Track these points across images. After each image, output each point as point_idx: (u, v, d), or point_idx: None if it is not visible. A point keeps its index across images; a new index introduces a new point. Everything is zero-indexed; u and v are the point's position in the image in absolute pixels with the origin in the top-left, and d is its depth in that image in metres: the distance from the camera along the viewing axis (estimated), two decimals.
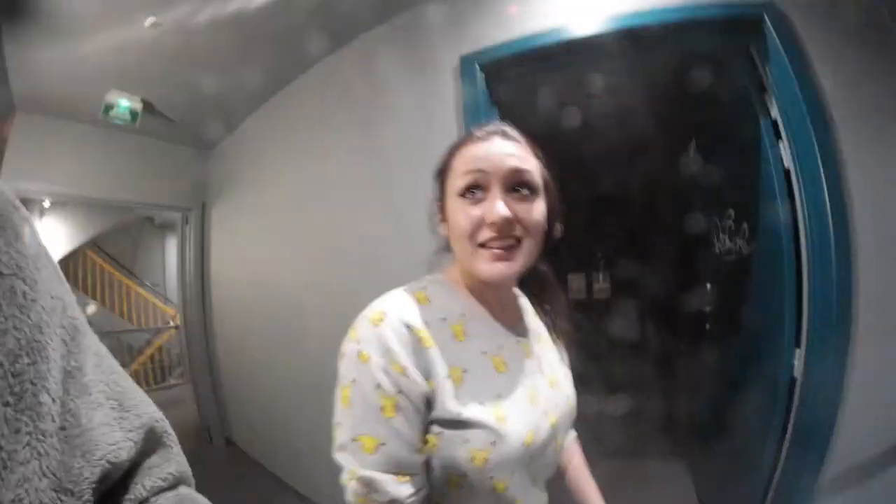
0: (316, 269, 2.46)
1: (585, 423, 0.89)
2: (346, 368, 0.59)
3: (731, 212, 1.91)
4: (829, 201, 1.40)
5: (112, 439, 0.32)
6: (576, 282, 4.86)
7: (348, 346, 0.60)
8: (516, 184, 0.65)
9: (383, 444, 0.56)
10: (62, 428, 0.28)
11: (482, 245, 0.64)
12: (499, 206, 0.62)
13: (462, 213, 0.65)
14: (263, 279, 2.87)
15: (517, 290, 0.81)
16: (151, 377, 5.20)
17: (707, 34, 1.61)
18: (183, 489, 0.39)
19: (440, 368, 0.59)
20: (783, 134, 1.51)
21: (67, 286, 0.34)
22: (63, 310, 0.31)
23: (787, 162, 1.50)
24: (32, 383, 0.26)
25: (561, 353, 0.82)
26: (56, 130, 2.82)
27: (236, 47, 2.33)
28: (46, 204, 3.73)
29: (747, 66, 1.60)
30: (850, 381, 1.36)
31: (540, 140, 0.72)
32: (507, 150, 0.67)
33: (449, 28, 1.92)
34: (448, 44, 1.90)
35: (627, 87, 1.90)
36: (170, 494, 0.37)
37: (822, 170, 1.41)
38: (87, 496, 0.29)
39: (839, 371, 1.37)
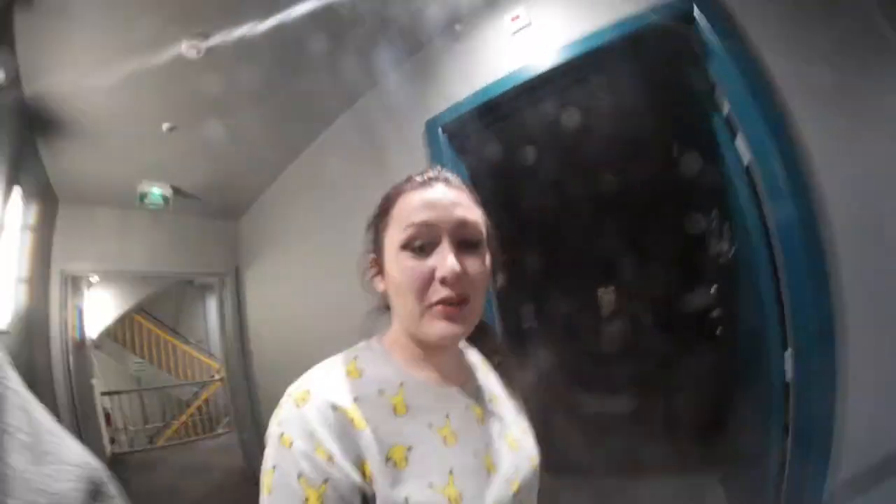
0: (344, 313, 2.59)
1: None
2: (268, 452, 0.53)
3: (715, 213, 1.88)
4: (793, 194, 1.34)
5: (54, 489, 0.34)
6: (606, 296, 4.79)
7: (271, 428, 0.54)
8: (465, 236, 0.60)
9: None
10: (1, 481, 0.30)
11: (430, 304, 0.58)
12: (452, 261, 0.57)
13: (408, 269, 0.59)
14: (297, 329, 3.04)
15: (463, 345, 0.73)
16: (201, 427, 5.55)
17: (650, 43, 1.60)
18: None
19: (376, 452, 0.53)
20: (738, 129, 1.47)
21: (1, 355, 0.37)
22: None
23: (746, 158, 1.46)
24: None
25: (519, 407, 0.75)
26: (97, 217, 3.24)
27: (249, 126, 2.62)
28: (94, 279, 4.16)
29: (694, 63, 1.57)
30: (845, 379, 1.31)
31: (517, 175, 0.70)
32: (453, 198, 0.62)
33: (415, 96, 2.10)
34: (415, 111, 2.08)
35: (588, 112, 1.95)
36: None
37: (779, 162, 1.36)
38: None
39: (830, 371, 1.31)
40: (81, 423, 3.09)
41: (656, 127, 2.09)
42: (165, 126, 2.48)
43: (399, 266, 0.59)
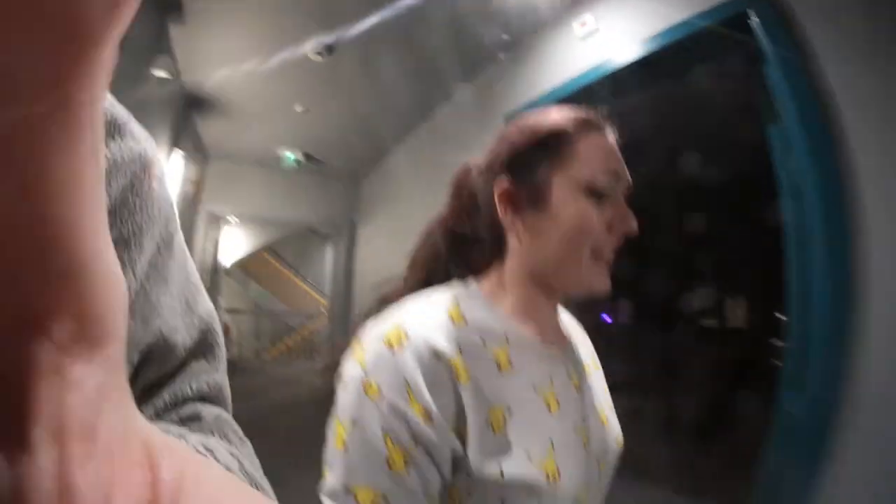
0: None
1: None
2: (346, 401, 0.46)
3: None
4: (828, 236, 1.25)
5: (173, 322, 0.34)
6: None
7: (351, 371, 0.47)
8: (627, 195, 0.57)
9: (385, 499, 0.43)
10: (134, 301, 0.31)
11: (600, 256, 0.54)
12: (633, 217, 0.54)
13: (591, 216, 0.53)
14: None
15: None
16: (302, 353, 6.56)
17: (709, 46, 1.56)
18: (224, 413, 0.37)
19: (477, 411, 0.46)
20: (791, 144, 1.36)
21: (175, 210, 0.38)
22: (165, 223, 0.35)
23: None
24: (123, 263, 0.30)
25: (604, 380, 0.67)
26: (241, 173, 4.10)
27: (370, 108, 3.15)
28: (233, 220, 5.15)
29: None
30: None
31: None
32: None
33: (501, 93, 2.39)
34: (502, 102, 2.37)
35: (652, 114, 1.94)
36: (212, 409, 0.35)
37: (818, 190, 1.26)
38: (133, 354, 0.31)
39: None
40: None
41: (723, 133, 2.00)
42: (299, 108, 3.08)
43: (579, 208, 0.53)
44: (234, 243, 5.90)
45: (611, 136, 0.57)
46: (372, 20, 2.11)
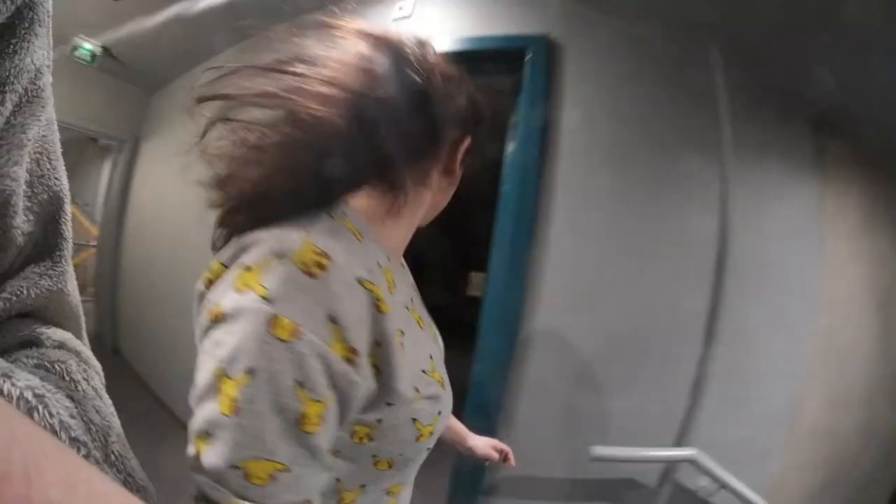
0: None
1: None
2: (236, 344, 0.34)
3: None
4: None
5: (14, 200, 0.28)
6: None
7: (243, 303, 0.35)
8: None
9: (286, 471, 0.34)
10: None
11: None
12: None
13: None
14: (174, 214, 3.11)
15: None
16: None
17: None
18: (69, 339, 0.30)
19: (392, 339, 0.41)
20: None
21: (50, 63, 0.31)
22: (35, 76, 0.29)
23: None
24: None
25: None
26: None
27: (188, 12, 2.79)
28: None
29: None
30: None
31: None
32: None
33: None
34: None
35: None
36: (56, 334, 0.29)
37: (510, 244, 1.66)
38: None
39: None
40: None
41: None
42: None
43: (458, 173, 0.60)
44: None
45: None
46: None
